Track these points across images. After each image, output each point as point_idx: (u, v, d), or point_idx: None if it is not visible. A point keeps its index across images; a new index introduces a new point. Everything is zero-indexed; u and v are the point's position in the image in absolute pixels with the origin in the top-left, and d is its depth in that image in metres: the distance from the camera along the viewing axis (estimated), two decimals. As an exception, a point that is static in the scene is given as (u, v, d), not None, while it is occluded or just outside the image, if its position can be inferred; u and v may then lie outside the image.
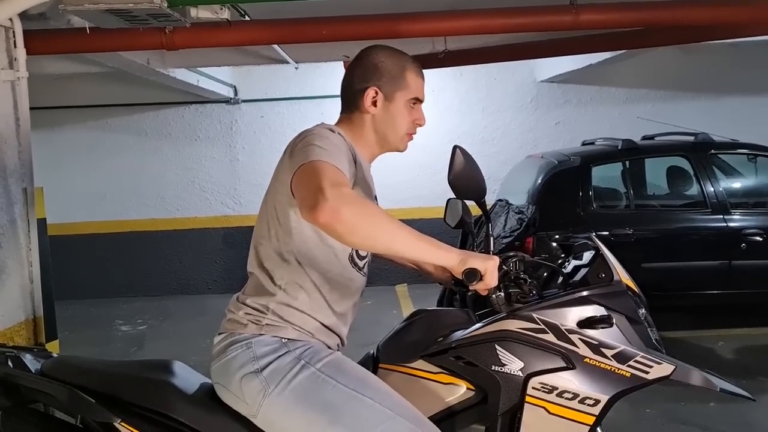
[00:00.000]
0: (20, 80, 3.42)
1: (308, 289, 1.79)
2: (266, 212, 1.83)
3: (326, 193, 1.51)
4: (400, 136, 1.92)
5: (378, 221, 1.55)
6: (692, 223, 5.38)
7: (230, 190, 8.16)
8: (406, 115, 1.91)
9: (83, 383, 1.80)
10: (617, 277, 1.86)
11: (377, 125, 1.90)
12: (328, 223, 1.50)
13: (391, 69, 1.89)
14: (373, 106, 1.89)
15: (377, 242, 1.58)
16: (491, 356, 1.76)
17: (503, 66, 7.61)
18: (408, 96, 1.90)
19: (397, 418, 1.66)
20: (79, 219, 7.89)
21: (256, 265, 1.84)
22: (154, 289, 8.09)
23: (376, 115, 1.89)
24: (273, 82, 7.94)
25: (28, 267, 3.46)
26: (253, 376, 1.72)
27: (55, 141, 7.83)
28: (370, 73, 1.89)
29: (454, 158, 1.80)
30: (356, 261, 1.87)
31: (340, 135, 1.79)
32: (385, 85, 1.88)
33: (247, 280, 1.89)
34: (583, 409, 1.73)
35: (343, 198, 1.52)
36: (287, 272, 1.79)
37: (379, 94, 1.88)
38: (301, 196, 1.59)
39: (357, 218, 1.52)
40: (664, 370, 1.77)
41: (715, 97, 8.01)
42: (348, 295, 1.87)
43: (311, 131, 1.76)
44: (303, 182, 1.60)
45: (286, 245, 1.79)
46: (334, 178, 1.57)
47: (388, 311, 6.64)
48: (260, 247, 1.84)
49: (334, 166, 1.60)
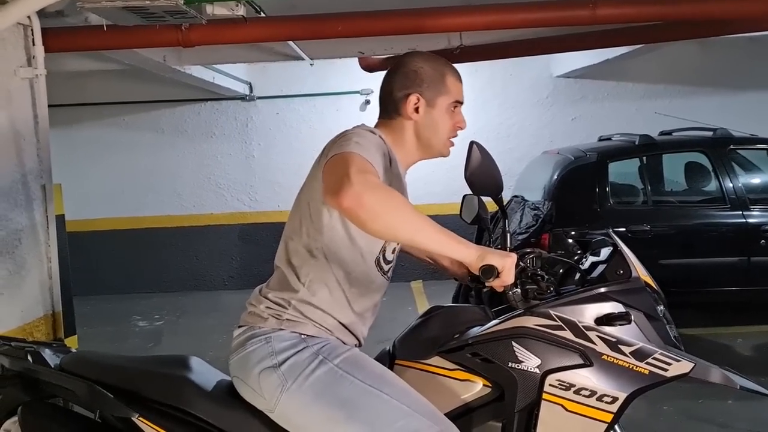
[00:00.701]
0: (38, 78, 3.44)
1: (331, 287, 1.80)
2: (299, 208, 1.84)
3: (352, 178, 1.51)
4: (443, 142, 1.93)
5: (401, 211, 1.55)
6: (710, 219, 5.33)
7: (246, 186, 8.16)
8: (447, 119, 1.91)
9: (102, 378, 1.82)
10: (635, 274, 1.84)
11: (420, 131, 1.91)
12: (350, 207, 1.50)
13: (431, 75, 1.90)
14: (415, 113, 1.89)
15: (399, 232, 1.57)
16: (508, 353, 1.75)
17: (519, 61, 7.51)
18: (449, 100, 1.91)
19: (414, 415, 1.66)
20: (97, 215, 7.94)
21: (283, 260, 1.85)
22: (171, 285, 8.12)
23: (419, 121, 1.90)
24: (288, 79, 7.92)
25: (47, 263, 3.49)
26: (272, 370, 1.72)
27: (73, 138, 7.87)
28: (410, 79, 1.90)
29: (471, 154, 1.79)
30: (382, 265, 1.88)
31: (381, 137, 1.79)
32: (427, 91, 1.89)
33: (273, 274, 1.90)
34: (601, 407, 1.72)
35: (367, 184, 1.52)
36: (313, 269, 1.80)
37: (421, 100, 1.89)
38: (327, 182, 1.60)
39: (380, 205, 1.52)
40: (683, 368, 1.75)
41: (733, 92, 7.90)
42: (369, 296, 1.88)
43: (351, 130, 1.77)
44: (331, 170, 1.61)
45: (315, 242, 1.79)
46: (362, 166, 1.57)
47: (404, 308, 6.64)
48: (290, 242, 1.85)
49: (364, 157, 1.61)
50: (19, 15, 3.07)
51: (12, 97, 3.35)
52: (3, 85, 3.29)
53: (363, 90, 7.78)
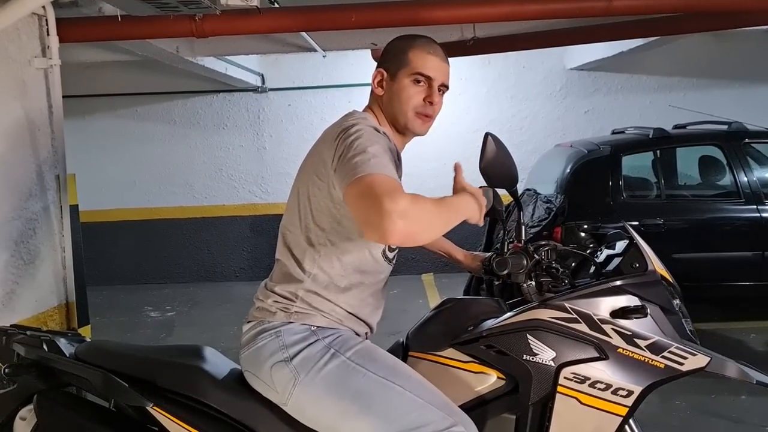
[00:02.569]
0: (53, 68, 3.44)
1: (336, 276, 1.79)
2: (297, 201, 1.82)
3: (389, 210, 1.44)
4: (407, 115, 1.87)
5: (435, 218, 1.55)
6: (725, 214, 5.29)
7: (257, 178, 8.17)
8: (410, 92, 1.85)
9: (116, 368, 1.83)
10: (651, 267, 1.84)
11: (385, 106, 1.89)
12: (401, 243, 1.49)
13: (396, 49, 1.90)
14: (379, 88, 1.89)
15: (437, 234, 1.59)
16: (523, 345, 1.75)
17: (532, 54, 7.48)
18: (410, 72, 1.85)
19: (428, 407, 1.66)
20: (109, 206, 7.97)
21: (284, 252, 1.84)
22: (183, 276, 8.16)
23: (383, 96, 1.89)
24: (300, 71, 7.92)
25: (61, 253, 3.49)
26: (283, 364, 1.72)
27: (86, 129, 7.89)
28: (381, 58, 1.92)
29: (486, 145, 1.78)
30: (387, 254, 1.87)
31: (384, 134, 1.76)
32: (390, 65, 1.88)
33: (274, 267, 1.88)
34: (616, 400, 1.71)
35: (405, 211, 1.45)
36: (317, 260, 1.78)
37: (385, 75, 1.88)
38: (364, 219, 1.51)
39: (422, 226, 1.51)
40: (698, 362, 1.75)
41: (748, 85, 7.83)
42: (375, 284, 1.87)
43: (353, 126, 1.70)
44: (360, 203, 1.52)
45: (317, 234, 1.78)
46: (388, 187, 1.50)
47: (415, 300, 6.60)
48: (289, 234, 1.83)
49: (386, 176, 1.54)
50: (34, 5, 3.08)
51: (27, 87, 3.35)
52: (18, 75, 3.29)
53: (375, 82, 7.73)
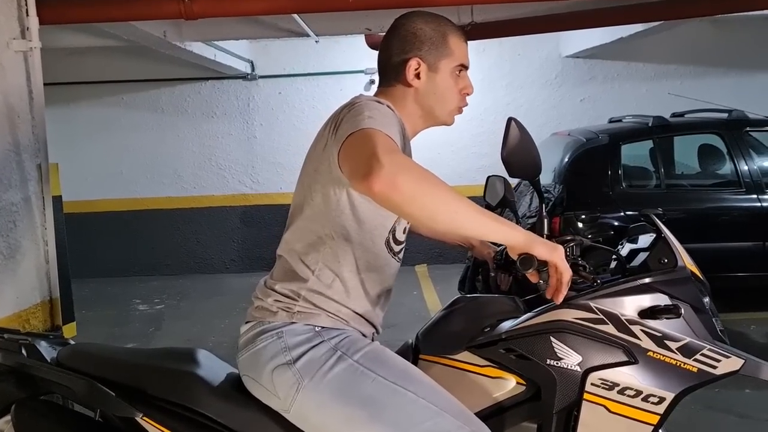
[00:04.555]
0: (33, 51, 3.31)
1: (342, 275, 1.67)
2: (302, 192, 1.70)
3: (381, 159, 1.36)
4: (448, 110, 1.76)
5: (439, 191, 1.40)
6: (725, 203, 5.30)
7: (248, 168, 8.07)
8: (452, 85, 1.74)
9: (102, 374, 1.69)
10: (681, 263, 1.73)
11: (422, 99, 1.73)
12: (383, 191, 1.35)
13: (431, 35, 1.72)
14: (416, 79, 1.72)
15: (437, 215, 1.41)
16: (546, 349, 1.63)
17: (527, 41, 7.45)
18: (453, 63, 1.73)
19: (443, 414, 1.54)
20: (96, 197, 7.86)
21: (287, 249, 1.71)
22: (172, 268, 8.06)
23: (420, 88, 1.72)
24: (291, 58, 7.83)
25: (44, 246, 3.39)
26: (286, 368, 1.59)
27: (70, 117, 7.76)
28: (409, 42, 1.72)
29: (509, 132, 1.64)
30: (392, 246, 1.74)
31: (389, 107, 1.62)
32: (428, 54, 1.71)
33: (275, 264, 1.76)
34: (647, 408, 1.60)
35: (399, 164, 1.37)
36: (321, 257, 1.66)
37: (421, 65, 1.71)
38: (352, 166, 1.44)
39: (416, 187, 1.37)
40: (732, 365, 1.64)
41: (746, 72, 7.78)
42: (381, 282, 1.74)
43: (357, 102, 1.59)
44: (353, 151, 1.45)
45: (322, 227, 1.65)
46: (387, 144, 1.42)
47: (409, 292, 6.56)
48: (293, 228, 1.71)
49: (386, 134, 1.45)
50: (11, -16, 2.94)
51: (5, 71, 3.23)
52: (-5, 58, 3.16)
53: (368, 69, 7.65)
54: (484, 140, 7.59)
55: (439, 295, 6.46)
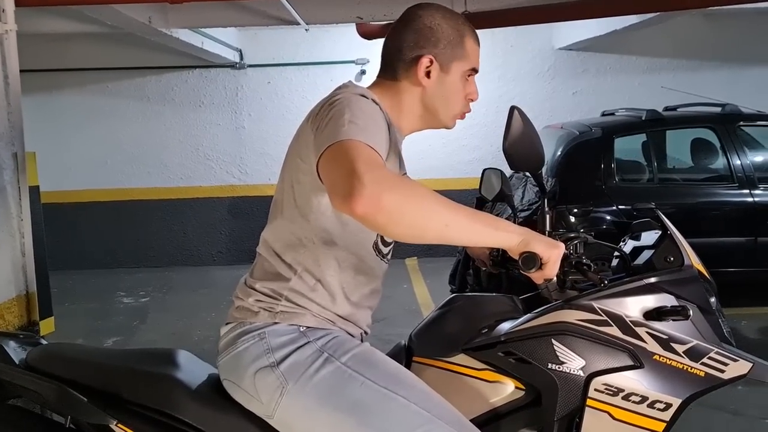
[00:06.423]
0: (9, 33, 3.19)
1: (324, 279, 1.58)
2: (282, 189, 1.60)
3: (363, 177, 1.25)
4: (452, 114, 1.67)
5: (427, 206, 1.30)
6: (717, 198, 5.30)
7: (235, 158, 7.99)
8: (460, 89, 1.65)
9: (74, 377, 1.60)
10: (688, 261, 1.65)
11: (428, 99, 1.64)
12: (367, 213, 1.26)
13: (449, 34, 1.61)
14: (426, 78, 1.61)
15: (427, 231, 1.33)
16: (548, 352, 1.54)
17: (520, 33, 7.41)
18: (466, 67, 1.64)
19: (436, 421, 1.46)
20: (80, 187, 7.74)
21: (267, 248, 1.62)
22: (157, 259, 7.96)
23: (428, 88, 1.62)
24: (281, 46, 7.73)
25: (20, 239, 3.28)
26: (269, 370, 1.51)
27: (53, 105, 7.65)
28: (425, 37, 1.61)
29: (512, 122, 1.56)
30: (380, 248, 1.64)
31: (374, 102, 1.52)
32: (442, 54, 1.61)
33: (255, 261, 1.67)
34: (653, 414, 1.52)
35: (382, 181, 1.26)
36: (302, 257, 1.57)
37: (434, 64, 1.61)
38: (332, 183, 1.33)
39: (401, 206, 1.27)
40: (741, 368, 1.57)
41: (739, 66, 7.77)
42: (367, 284, 1.65)
43: (339, 97, 1.49)
44: (332, 166, 1.34)
45: (302, 228, 1.56)
46: (368, 157, 1.31)
47: (399, 285, 6.50)
48: (273, 227, 1.62)
49: (367, 145, 1.34)
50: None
51: (-20, 55, 3.10)
52: (-31, 42, 3.04)
53: (359, 59, 7.58)
54: (475, 132, 7.53)
55: (429, 289, 6.41)
